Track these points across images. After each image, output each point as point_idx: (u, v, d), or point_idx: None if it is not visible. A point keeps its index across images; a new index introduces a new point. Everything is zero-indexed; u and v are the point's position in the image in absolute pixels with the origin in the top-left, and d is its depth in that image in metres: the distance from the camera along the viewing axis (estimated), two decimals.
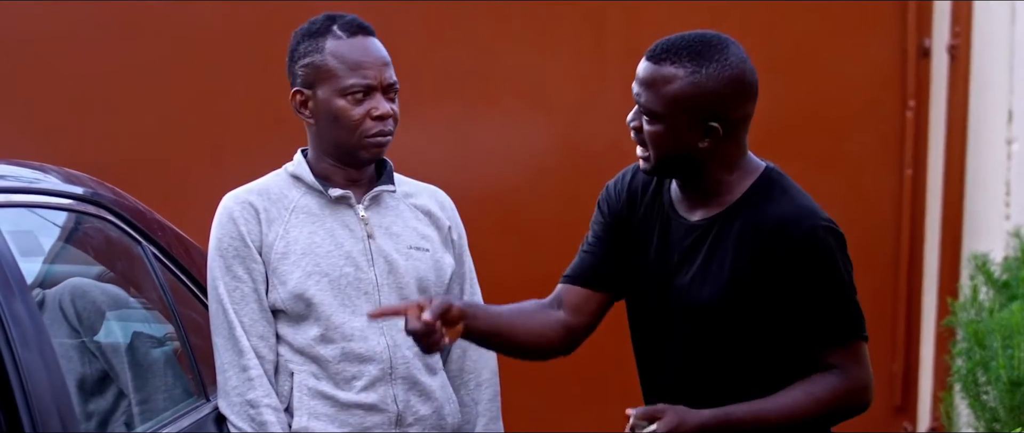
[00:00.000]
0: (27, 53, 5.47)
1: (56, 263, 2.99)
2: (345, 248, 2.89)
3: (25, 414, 2.30)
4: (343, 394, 2.87)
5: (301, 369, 2.88)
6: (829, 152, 5.66)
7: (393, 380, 2.89)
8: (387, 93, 2.92)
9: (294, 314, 2.88)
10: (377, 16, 5.53)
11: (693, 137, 2.64)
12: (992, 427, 4.21)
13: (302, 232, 2.88)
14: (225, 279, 2.87)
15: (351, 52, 2.91)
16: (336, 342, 2.87)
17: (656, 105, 2.64)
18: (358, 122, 2.88)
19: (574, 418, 5.60)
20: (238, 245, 2.87)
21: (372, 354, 2.87)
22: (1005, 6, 5.54)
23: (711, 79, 2.62)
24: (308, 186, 2.92)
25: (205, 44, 5.50)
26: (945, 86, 5.62)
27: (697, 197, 2.73)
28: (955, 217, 5.61)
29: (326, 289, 2.86)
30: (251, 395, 2.84)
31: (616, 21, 5.59)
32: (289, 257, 2.87)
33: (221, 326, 2.88)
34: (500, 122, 5.63)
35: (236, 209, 2.89)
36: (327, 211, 2.91)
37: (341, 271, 2.87)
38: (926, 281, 5.69)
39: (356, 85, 2.88)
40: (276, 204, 2.90)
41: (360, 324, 2.87)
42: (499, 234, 5.53)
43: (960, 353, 4.40)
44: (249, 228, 2.87)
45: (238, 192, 2.93)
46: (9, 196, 2.70)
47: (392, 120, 2.92)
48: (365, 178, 2.95)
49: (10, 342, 2.33)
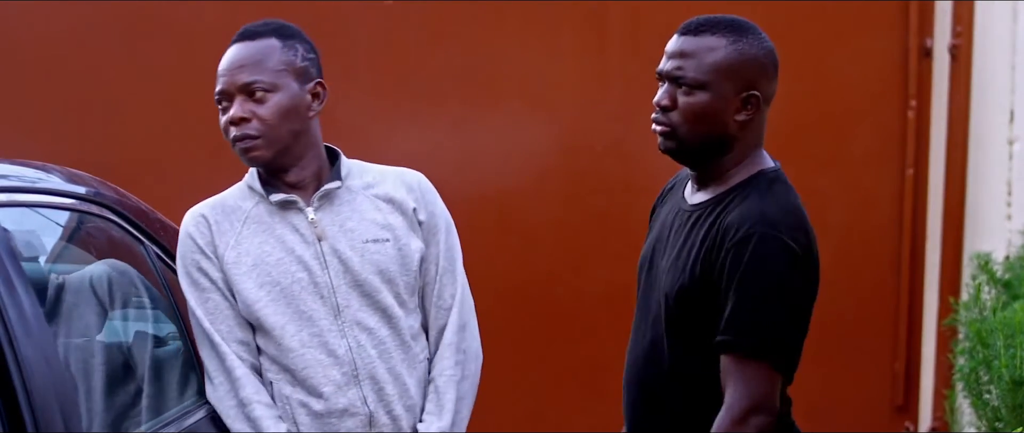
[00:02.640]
0: (29, 53, 5.48)
1: (58, 263, 3.00)
2: (296, 253, 2.88)
3: (27, 412, 2.31)
4: (316, 402, 2.86)
5: (278, 378, 2.88)
6: (831, 152, 5.67)
7: (360, 381, 2.87)
8: (250, 95, 2.86)
9: (255, 324, 2.88)
10: (377, 16, 5.55)
11: (733, 108, 2.67)
12: (994, 426, 4.21)
13: (253, 242, 2.89)
14: (195, 293, 2.89)
15: (221, 62, 2.92)
16: (296, 350, 2.85)
17: (701, 73, 2.66)
18: (224, 129, 2.89)
19: (574, 418, 5.61)
20: (198, 257, 2.89)
21: (334, 358, 2.86)
22: (1007, 6, 5.53)
23: (752, 48, 2.68)
24: (259, 195, 2.92)
25: (208, 44, 5.48)
26: (947, 86, 5.62)
27: (701, 184, 2.76)
28: (957, 217, 5.61)
29: (279, 298, 2.85)
30: (241, 395, 2.85)
31: (617, 21, 5.59)
32: (240, 267, 2.87)
33: (202, 338, 2.89)
34: (501, 122, 5.64)
35: (191, 224, 2.91)
36: (276, 217, 2.90)
37: (293, 278, 2.86)
38: (928, 280, 5.69)
39: (217, 94, 2.91)
40: (229, 217, 2.91)
41: (319, 329, 2.86)
42: (499, 234, 5.53)
43: (962, 352, 4.40)
44: (205, 240, 2.88)
45: (195, 208, 2.95)
46: (12, 195, 2.70)
47: (256, 122, 2.84)
48: (309, 178, 2.92)
49: (12, 341, 2.34)
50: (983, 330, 4.25)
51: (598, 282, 5.55)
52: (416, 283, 2.95)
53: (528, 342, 5.64)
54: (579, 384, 5.59)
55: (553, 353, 5.62)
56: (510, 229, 5.48)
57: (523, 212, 5.56)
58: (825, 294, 2.95)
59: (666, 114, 2.70)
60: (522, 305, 5.56)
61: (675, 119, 2.69)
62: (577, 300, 5.59)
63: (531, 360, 5.66)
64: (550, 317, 5.60)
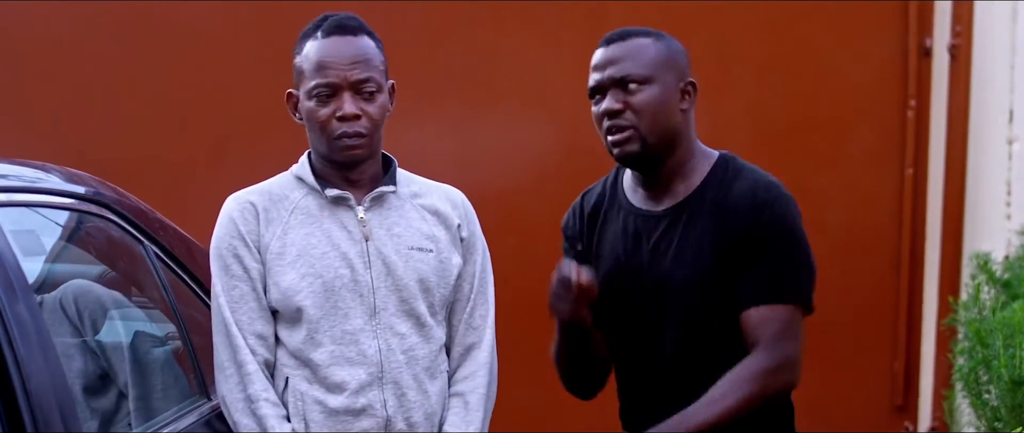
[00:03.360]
0: (29, 53, 5.48)
1: (58, 262, 3.00)
2: (341, 249, 2.88)
3: (27, 413, 2.31)
4: (333, 399, 2.85)
5: (295, 373, 2.86)
6: (830, 151, 5.66)
7: (384, 384, 2.87)
8: (359, 92, 2.87)
9: (287, 315, 2.86)
10: (378, 16, 5.54)
11: (677, 96, 2.81)
12: (994, 426, 4.21)
13: (299, 233, 2.88)
14: (223, 279, 2.86)
15: (320, 52, 2.88)
16: (325, 346, 2.85)
17: (643, 69, 2.81)
18: (324, 123, 2.86)
19: (574, 418, 5.60)
20: (237, 244, 2.86)
21: (363, 358, 2.86)
22: (1006, 6, 5.54)
23: (673, 43, 2.86)
24: (309, 187, 2.92)
25: (207, 44, 5.51)
26: (946, 86, 5.62)
27: (660, 188, 2.84)
28: (956, 216, 5.61)
29: (319, 291, 2.85)
30: (249, 390, 2.82)
31: (617, 22, 5.55)
32: (285, 258, 2.86)
33: (219, 325, 2.87)
34: (501, 122, 5.64)
35: (236, 210, 2.88)
36: (326, 212, 2.90)
37: (336, 273, 2.86)
38: (927, 280, 5.69)
39: (319, 85, 2.86)
40: (277, 204, 2.90)
41: (353, 327, 2.86)
42: (499, 234, 5.52)
43: (962, 352, 4.40)
44: (248, 228, 2.86)
45: (240, 193, 2.93)
46: (11, 195, 2.70)
47: (365, 120, 2.87)
48: (367, 179, 2.94)
49: (12, 341, 2.34)
50: (982, 330, 4.25)
51: None
52: (449, 297, 2.98)
53: (528, 342, 5.63)
54: None
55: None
56: (510, 229, 5.47)
57: (523, 212, 5.56)
58: (824, 294, 2.95)
59: (621, 117, 2.80)
60: (522, 305, 5.57)
61: (632, 119, 2.80)
62: None
63: (531, 360, 5.65)
64: (550, 317, 5.59)
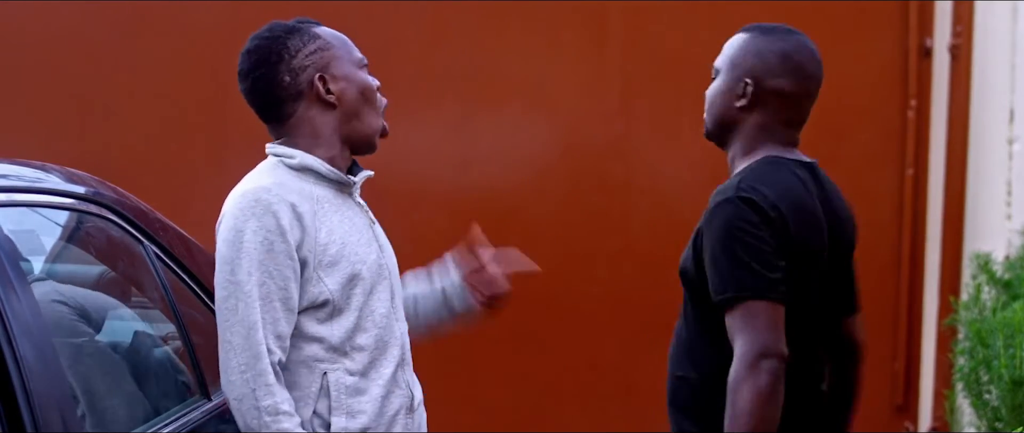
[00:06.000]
0: (29, 53, 5.48)
1: (58, 263, 3.00)
2: (366, 235, 2.87)
3: (26, 413, 2.31)
4: (374, 386, 2.81)
5: (334, 367, 2.78)
6: (830, 151, 5.65)
7: (404, 365, 2.90)
8: None
9: (334, 308, 2.78)
10: (378, 16, 5.55)
11: (734, 92, 2.91)
12: (994, 426, 4.21)
13: (335, 224, 2.81)
14: (256, 274, 2.70)
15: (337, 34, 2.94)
16: (369, 331, 2.82)
17: (719, 61, 2.96)
18: (377, 90, 2.92)
19: (574, 418, 5.61)
20: (275, 240, 2.71)
21: (394, 339, 2.87)
22: (1007, 6, 5.53)
23: (762, 43, 2.96)
24: (319, 177, 2.85)
25: (207, 44, 5.50)
26: (946, 86, 5.62)
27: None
28: (956, 216, 5.61)
29: (367, 278, 2.83)
30: (268, 401, 2.68)
31: (617, 22, 5.59)
32: (331, 249, 2.78)
33: (238, 323, 2.70)
34: (501, 122, 5.64)
35: (276, 204, 2.73)
36: (340, 199, 2.87)
37: (369, 259, 2.85)
38: (928, 280, 5.69)
39: (362, 59, 2.92)
40: (307, 199, 2.79)
41: (384, 310, 2.86)
42: (499, 234, 5.52)
43: (962, 352, 4.40)
44: (293, 230, 2.73)
45: (268, 187, 2.76)
46: (11, 195, 2.70)
47: None
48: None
49: (12, 341, 2.34)
50: (983, 330, 4.25)
51: (598, 282, 5.55)
52: None
53: (528, 342, 5.64)
54: (579, 384, 5.58)
55: (553, 353, 5.62)
56: (510, 229, 5.47)
57: (523, 212, 5.56)
58: None
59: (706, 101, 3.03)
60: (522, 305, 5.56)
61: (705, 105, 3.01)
62: (577, 300, 5.58)
63: (531, 360, 5.66)
64: (550, 317, 5.60)
